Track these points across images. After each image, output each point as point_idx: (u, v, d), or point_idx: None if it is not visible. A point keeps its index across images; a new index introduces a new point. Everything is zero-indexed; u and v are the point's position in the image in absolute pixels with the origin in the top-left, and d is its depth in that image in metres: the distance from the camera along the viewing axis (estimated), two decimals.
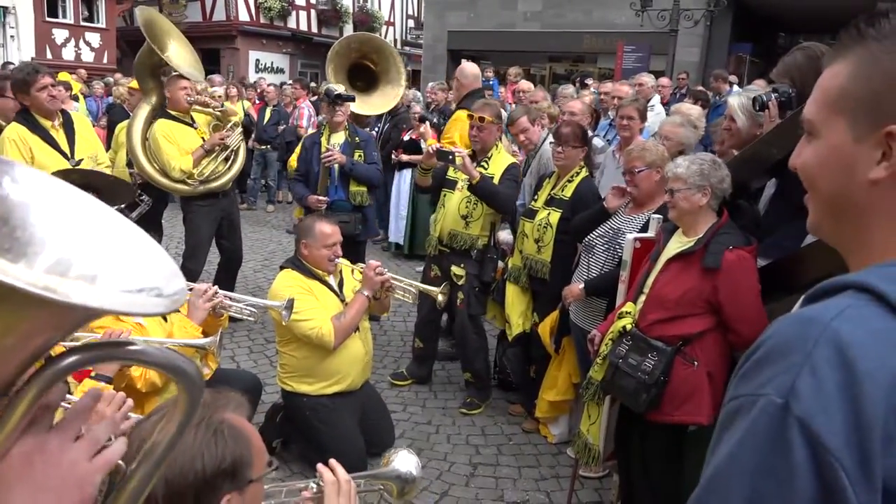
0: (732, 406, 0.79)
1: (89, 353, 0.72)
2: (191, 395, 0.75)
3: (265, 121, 9.95)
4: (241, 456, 1.21)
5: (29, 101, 4.33)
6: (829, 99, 0.87)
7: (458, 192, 4.36)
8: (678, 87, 10.17)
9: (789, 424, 0.71)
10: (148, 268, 0.72)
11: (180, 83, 5.15)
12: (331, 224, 3.72)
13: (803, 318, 0.78)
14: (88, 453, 0.75)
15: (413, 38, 26.47)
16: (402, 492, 1.62)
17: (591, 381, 3.04)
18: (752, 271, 2.71)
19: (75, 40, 19.15)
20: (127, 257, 0.71)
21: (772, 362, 0.76)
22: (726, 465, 0.76)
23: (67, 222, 0.70)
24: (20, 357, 0.66)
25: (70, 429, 0.75)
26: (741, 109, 3.20)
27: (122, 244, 0.73)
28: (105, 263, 0.68)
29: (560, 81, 10.57)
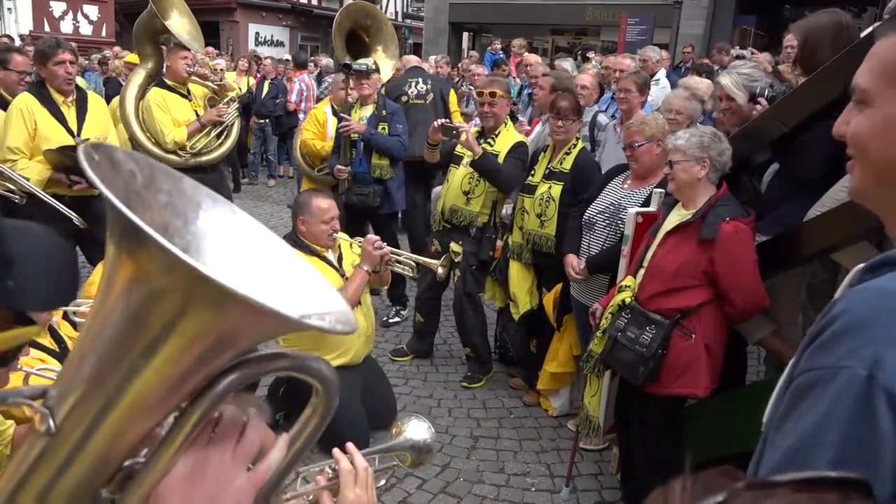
0: (809, 378, 0.80)
1: (255, 366, 0.70)
2: (328, 401, 0.77)
3: (263, 94, 9.88)
4: None
5: (45, 73, 4.34)
6: (885, 70, 0.89)
7: (462, 167, 4.35)
8: (683, 61, 10.07)
9: (875, 395, 0.72)
10: (308, 289, 0.74)
11: (181, 53, 5.11)
12: (327, 199, 3.70)
13: (879, 290, 0.79)
14: (244, 467, 0.72)
15: (414, 11, 26.17)
16: (416, 461, 1.59)
17: (592, 354, 3.06)
18: (748, 243, 2.72)
19: (73, 13, 18.94)
20: (288, 279, 0.74)
21: (851, 335, 0.77)
22: (811, 436, 0.77)
23: (227, 239, 0.72)
24: (208, 368, 0.66)
25: (227, 442, 0.72)
26: (737, 86, 3.17)
27: (282, 265, 0.75)
28: (271, 286, 0.70)
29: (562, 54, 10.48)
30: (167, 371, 0.63)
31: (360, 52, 5.74)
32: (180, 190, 0.71)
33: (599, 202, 3.68)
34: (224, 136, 5.34)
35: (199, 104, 5.27)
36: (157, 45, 5.33)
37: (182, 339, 0.61)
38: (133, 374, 0.63)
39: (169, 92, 5.15)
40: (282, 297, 0.69)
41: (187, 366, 0.64)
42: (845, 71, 2.55)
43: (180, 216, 0.69)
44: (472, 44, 20.93)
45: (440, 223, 4.47)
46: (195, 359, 0.63)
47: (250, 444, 0.74)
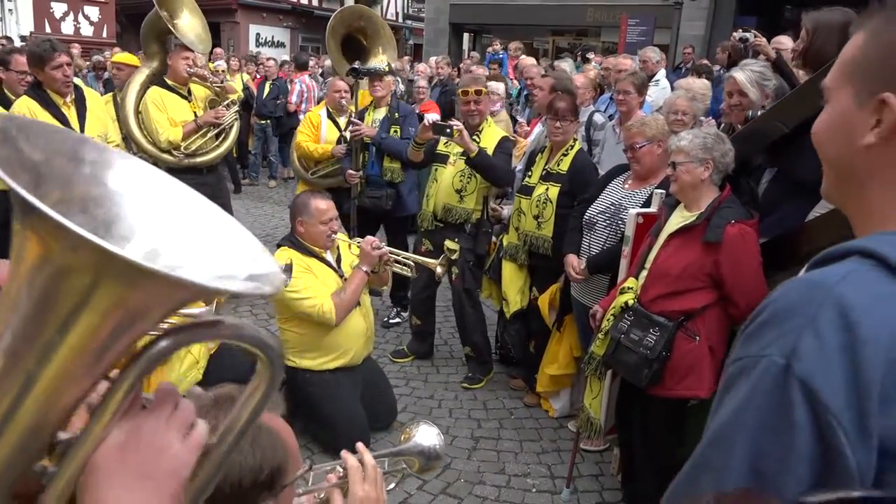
0: (736, 367, 0.81)
1: (187, 333, 0.70)
2: (274, 372, 0.74)
3: (265, 95, 9.89)
4: (278, 465, 1.17)
5: (42, 76, 4.33)
6: (843, 66, 0.91)
7: (450, 166, 4.36)
8: (683, 62, 10.08)
9: (791, 384, 0.73)
10: (237, 253, 0.72)
11: (183, 53, 5.11)
12: (326, 200, 3.70)
13: (808, 281, 0.80)
14: (181, 433, 0.72)
15: (415, 12, 26.17)
16: (425, 466, 1.58)
17: (593, 355, 3.06)
18: (753, 245, 2.71)
19: (74, 14, 18.93)
20: (216, 242, 0.72)
21: (775, 324, 0.78)
22: (730, 423, 0.79)
23: (153, 207, 0.71)
24: (126, 339, 0.66)
25: (164, 410, 0.71)
26: (750, 83, 3.15)
27: (208, 228, 0.73)
28: (193, 251, 0.69)
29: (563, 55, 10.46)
30: (85, 345, 0.63)
31: (357, 55, 5.75)
32: (106, 160, 0.70)
33: (600, 202, 3.67)
34: (221, 139, 5.33)
35: (198, 105, 5.26)
36: (162, 45, 5.32)
37: (95, 314, 0.61)
38: (50, 351, 0.63)
39: (168, 92, 5.15)
40: (203, 263, 0.69)
41: (105, 338, 0.64)
42: None
43: (102, 186, 0.69)
44: (473, 45, 20.94)
45: (432, 223, 4.47)
46: (112, 331, 0.63)
47: (186, 411, 0.73)
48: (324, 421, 3.65)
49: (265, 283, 0.69)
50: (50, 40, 4.57)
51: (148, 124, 5.13)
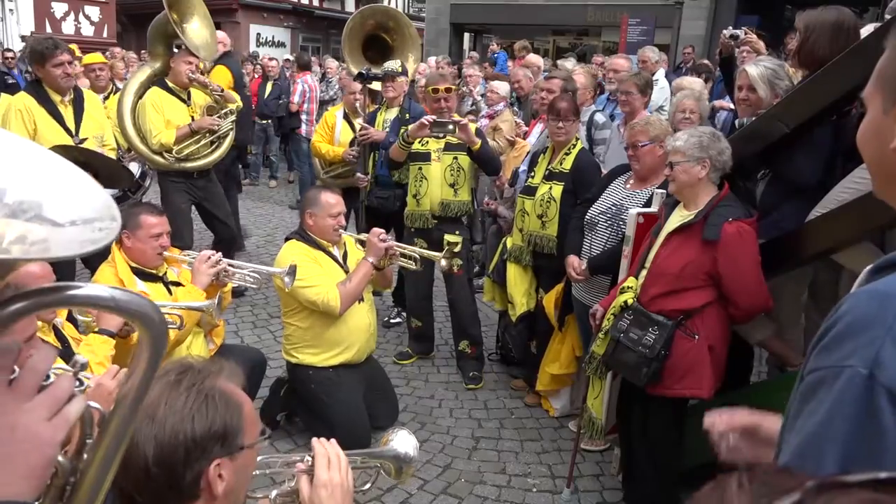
0: (815, 378, 0.83)
1: (34, 298, 0.65)
2: (152, 334, 0.71)
3: (266, 95, 9.88)
4: (231, 422, 1.22)
5: (43, 73, 4.35)
6: (875, 77, 0.94)
7: (435, 163, 4.39)
8: (683, 62, 10.08)
9: (877, 392, 0.76)
10: (82, 197, 0.67)
11: (186, 57, 5.13)
12: (335, 194, 3.74)
13: (880, 292, 0.82)
14: (49, 411, 0.69)
15: (416, 12, 26.18)
16: (399, 471, 1.63)
17: (594, 355, 3.06)
18: (751, 243, 2.71)
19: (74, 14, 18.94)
20: (58, 187, 0.66)
21: (853, 335, 0.80)
22: (817, 434, 0.81)
23: None
24: None
25: (26, 387, 0.69)
26: (762, 79, 3.12)
27: (45, 174, 0.67)
28: (39, 195, 0.63)
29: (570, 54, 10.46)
30: None
31: (382, 55, 5.74)
32: None
33: (601, 203, 3.67)
34: (216, 146, 5.32)
35: (197, 111, 5.26)
36: (168, 47, 5.33)
37: None
38: None
39: (168, 94, 5.16)
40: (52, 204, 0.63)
41: None
42: (845, 73, 2.56)
43: None
44: (474, 44, 20.95)
45: (429, 221, 4.46)
46: None
47: (55, 389, 0.71)
48: (326, 419, 3.65)
49: (109, 233, 0.64)
50: (53, 38, 4.59)
51: (143, 124, 5.14)
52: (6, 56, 10.99)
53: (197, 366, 1.27)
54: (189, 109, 5.24)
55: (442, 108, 4.38)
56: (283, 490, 1.45)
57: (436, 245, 4.32)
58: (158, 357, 0.73)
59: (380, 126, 5.20)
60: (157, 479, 1.17)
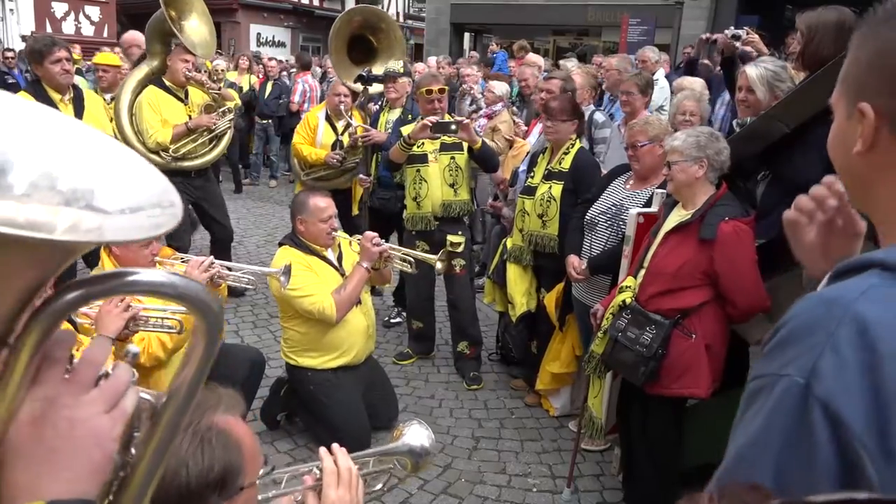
0: (756, 385, 0.81)
1: (91, 286, 0.63)
2: (208, 322, 0.68)
3: (266, 95, 9.89)
4: (230, 465, 1.14)
5: (41, 72, 4.35)
6: (839, 82, 0.92)
7: (433, 164, 4.39)
8: (683, 62, 10.05)
9: (811, 404, 0.73)
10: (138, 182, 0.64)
11: (182, 55, 5.11)
12: (325, 197, 3.70)
13: (827, 298, 0.79)
14: (107, 404, 0.67)
15: (416, 12, 26.19)
16: (415, 466, 1.57)
17: (593, 354, 3.06)
18: (748, 242, 2.71)
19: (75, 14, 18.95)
20: (113, 172, 0.64)
21: (795, 342, 0.78)
22: (753, 442, 0.79)
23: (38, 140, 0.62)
24: (8, 300, 0.59)
25: (83, 380, 0.66)
26: (761, 80, 3.12)
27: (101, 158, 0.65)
28: (92, 180, 0.61)
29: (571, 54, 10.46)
30: None
31: (365, 56, 5.73)
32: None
33: (601, 203, 3.68)
34: (213, 145, 5.30)
35: (194, 109, 5.24)
36: (166, 45, 5.30)
37: None
38: None
39: (164, 92, 5.15)
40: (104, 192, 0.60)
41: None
42: None
43: None
44: (474, 44, 20.95)
45: (431, 223, 4.45)
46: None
47: (115, 382, 0.68)
48: (325, 420, 3.65)
49: (170, 218, 0.62)
50: (50, 35, 4.58)
51: (139, 123, 5.13)
52: (6, 56, 10.99)
53: None
54: (186, 108, 5.23)
55: (435, 108, 4.37)
56: (283, 495, 1.38)
57: (438, 247, 4.32)
58: (214, 346, 0.70)
59: (382, 127, 5.21)
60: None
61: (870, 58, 0.85)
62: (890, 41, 0.83)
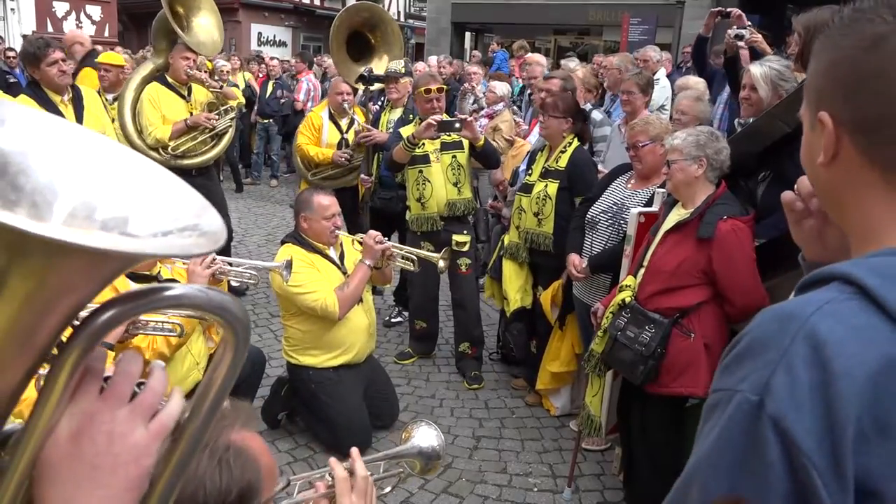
0: (713, 399, 0.79)
1: (130, 303, 0.63)
2: (237, 336, 0.67)
3: (268, 94, 9.89)
4: (248, 485, 1.11)
5: (39, 75, 4.35)
6: (805, 92, 0.91)
7: (435, 164, 4.39)
8: (683, 61, 10.04)
9: (763, 422, 0.71)
10: (177, 205, 0.64)
11: (184, 53, 5.11)
12: (328, 195, 3.72)
13: (784, 312, 0.77)
14: (144, 418, 0.66)
15: (416, 11, 26.17)
16: (424, 468, 1.55)
17: (593, 353, 3.06)
18: (746, 241, 2.71)
19: (76, 13, 18.95)
20: (152, 195, 0.64)
21: (750, 357, 0.76)
22: (706, 459, 0.77)
23: (79, 162, 0.62)
24: (55, 317, 0.59)
25: (120, 393, 0.65)
26: (764, 79, 3.12)
27: (142, 181, 0.65)
28: (130, 204, 0.61)
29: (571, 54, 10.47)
30: (8, 328, 0.56)
31: (362, 53, 5.73)
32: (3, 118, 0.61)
33: (602, 201, 3.68)
34: (214, 143, 5.30)
35: (196, 107, 5.25)
36: (171, 42, 5.30)
37: (15, 295, 0.55)
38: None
39: (167, 89, 5.16)
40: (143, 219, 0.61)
41: (30, 319, 0.57)
42: None
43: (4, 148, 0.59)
44: (475, 44, 20.94)
45: (437, 223, 4.45)
46: (38, 310, 0.57)
47: (151, 394, 0.67)
48: (326, 419, 3.65)
49: (210, 241, 0.62)
50: (42, 37, 4.58)
51: (140, 119, 5.14)
52: (7, 56, 10.98)
53: None
54: (188, 105, 5.22)
55: (434, 108, 4.37)
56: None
57: (443, 247, 4.32)
58: (240, 361, 0.69)
59: (384, 127, 5.20)
60: None
61: (826, 67, 0.85)
62: (842, 50, 0.83)
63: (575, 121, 4.03)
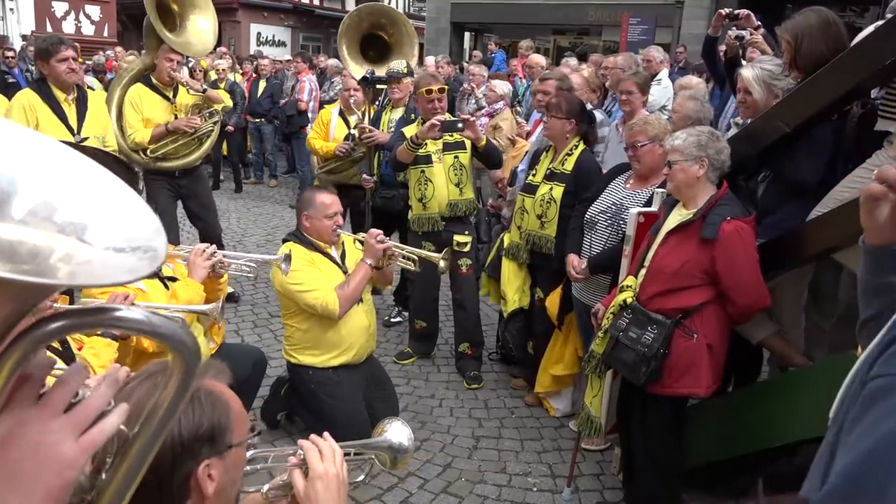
0: (880, 383, 0.79)
1: (74, 318, 0.64)
2: (185, 362, 0.69)
3: (259, 94, 9.86)
4: (218, 422, 1.19)
5: (47, 70, 4.39)
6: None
7: (437, 164, 4.39)
8: (676, 62, 10.02)
9: None
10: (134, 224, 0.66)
11: (168, 53, 5.06)
12: (330, 194, 3.72)
13: None
14: (76, 430, 0.66)
15: (416, 11, 26.18)
16: (394, 461, 1.61)
17: (593, 354, 3.06)
18: (749, 242, 2.71)
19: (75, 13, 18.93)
20: (113, 211, 0.65)
21: None
22: (889, 441, 0.76)
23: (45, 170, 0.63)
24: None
25: (55, 403, 0.65)
26: (756, 81, 3.13)
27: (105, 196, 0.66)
28: (91, 215, 0.63)
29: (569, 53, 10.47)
30: None
31: (380, 54, 5.73)
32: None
33: (601, 202, 3.67)
34: (196, 147, 5.27)
35: (181, 109, 5.19)
36: (161, 42, 5.29)
37: None
38: None
39: (150, 91, 5.11)
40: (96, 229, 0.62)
41: None
42: (845, 72, 2.56)
43: None
44: (475, 44, 20.95)
45: (438, 224, 4.45)
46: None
47: (86, 409, 0.67)
48: (326, 419, 3.64)
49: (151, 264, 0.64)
50: (58, 35, 4.65)
51: (123, 120, 5.11)
52: (7, 55, 10.98)
53: None
54: (172, 108, 5.16)
55: (435, 108, 4.36)
56: (274, 483, 1.42)
57: (444, 247, 4.32)
58: (189, 382, 0.71)
59: (385, 127, 5.21)
60: (145, 483, 1.13)
61: None
62: None
63: (579, 122, 4.00)
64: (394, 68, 5.14)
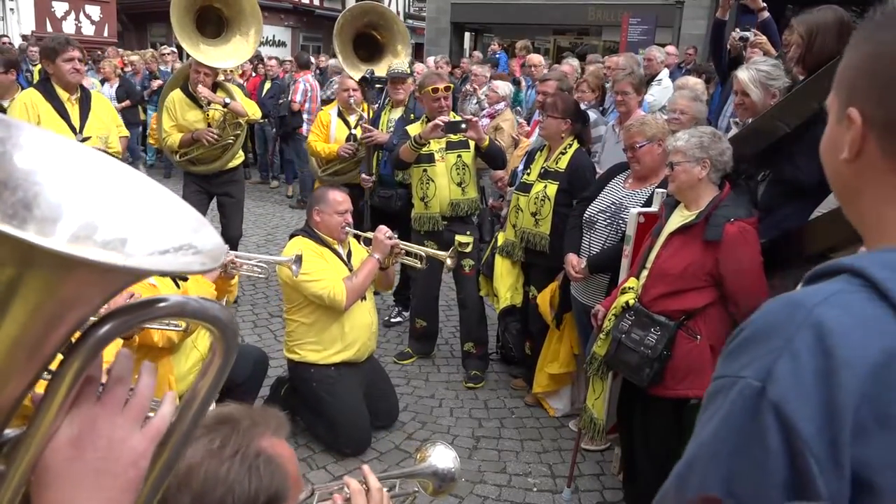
0: (715, 385, 0.79)
1: (129, 315, 0.65)
2: (226, 343, 0.71)
3: (263, 94, 9.85)
4: (276, 493, 1.13)
5: (52, 69, 4.45)
6: (835, 83, 0.89)
7: (439, 163, 4.39)
8: (684, 62, 10.04)
9: (764, 409, 0.71)
10: (172, 224, 0.67)
11: (197, 66, 5.20)
12: (342, 192, 3.79)
13: (790, 301, 0.77)
14: (138, 421, 0.69)
15: (416, 11, 26.19)
16: (437, 490, 1.53)
17: (595, 356, 3.06)
18: (753, 243, 2.71)
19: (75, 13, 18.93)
20: (152, 215, 0.67)
21: (755, 344, 0.76)
22: (706, 445, 0.78)
23: (81, 182, 0.65)
24: (62, 329, 0.62)
25: (117, 399, 0.68)
26: (753, 82, 3.13)
27: (142, 201, 0.68)
28: (131, 224, 0.64)
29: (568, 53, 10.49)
30: (17, 339, 0.59)
31: (371, 53, 5.72)
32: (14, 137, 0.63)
33: (600, 201, 3.67)
34: (223, 152, 5.43)
35: (212, 118, 5.32)
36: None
37: (24, 307, 0.57)
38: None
39: (186, 98, 5.27)
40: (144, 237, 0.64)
41: (38, 330, 0.60)
42: None
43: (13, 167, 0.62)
44: (474, 44, 20.94)
45: (439, 223, 4.45)
46: (46, 322, 0.60)
47: (142, 399, 0.70)
48: (326, 417, 3.66)
49: (208, 259, 0.65)
50: (66, 36, 4.70)
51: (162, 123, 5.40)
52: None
53: (243, 424, 1.16)
54: (205, 116, 5.30)
55: (441, 107, 4.36)
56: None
57: (447, 247, 4.31)
58: (227, 368, 0.73)
59: (384, 126, 5.20)
60: None
61: (862, 61, 0.83)
62: (883, 45, 0.81)
63: (574, 122, 4.01)
64: (396, 68, 5.13)
